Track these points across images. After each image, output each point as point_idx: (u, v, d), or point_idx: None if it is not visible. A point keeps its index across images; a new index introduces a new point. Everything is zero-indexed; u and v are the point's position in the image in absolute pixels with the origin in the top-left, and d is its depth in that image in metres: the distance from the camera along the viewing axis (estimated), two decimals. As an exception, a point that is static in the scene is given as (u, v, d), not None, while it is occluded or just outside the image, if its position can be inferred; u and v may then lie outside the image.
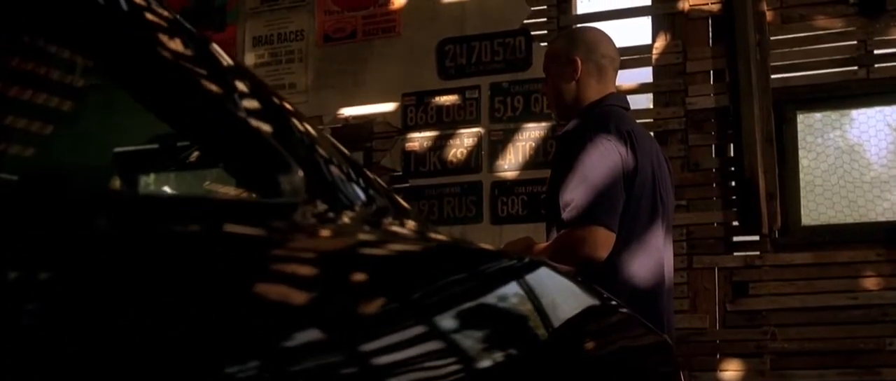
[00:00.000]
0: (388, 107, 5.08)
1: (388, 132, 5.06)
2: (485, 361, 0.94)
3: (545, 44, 4.59)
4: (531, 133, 4.77)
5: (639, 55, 4.67)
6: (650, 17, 4.72)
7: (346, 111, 5.16)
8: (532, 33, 4.87)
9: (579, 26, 4.54)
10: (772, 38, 4.45)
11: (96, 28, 0.88)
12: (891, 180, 4.38)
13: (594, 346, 1.42)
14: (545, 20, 4.85)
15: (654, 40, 4.66)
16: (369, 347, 0.77)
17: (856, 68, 4.36)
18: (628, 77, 4.63)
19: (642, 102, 4.83)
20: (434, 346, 0.88)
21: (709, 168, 4.49)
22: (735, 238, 4.44)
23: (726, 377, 4.31)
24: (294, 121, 1.10)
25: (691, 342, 4.26)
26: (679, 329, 4.00)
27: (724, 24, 4.51)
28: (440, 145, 4.94)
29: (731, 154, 4.47)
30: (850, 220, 4.33)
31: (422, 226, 1.25)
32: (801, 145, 4.45)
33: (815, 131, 4.48)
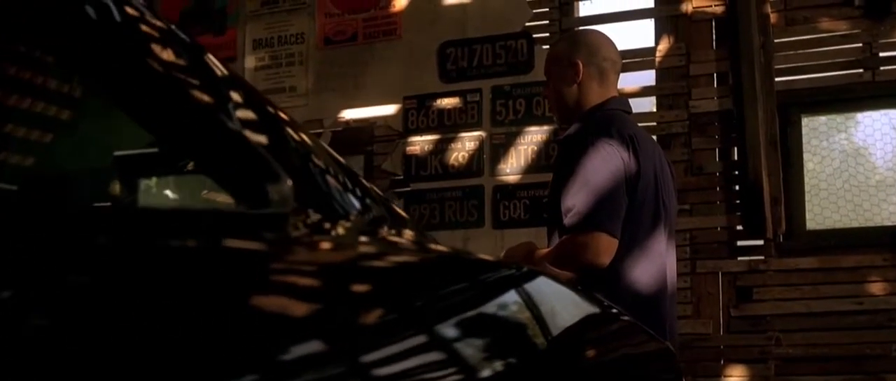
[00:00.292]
0: (389, 110, 5.07)
1: (388, 136, 5.05)
2: (484, 371, 0.93)
3: (547, 46, 4.58)
4: (533, 137, 4.76)
5: (641, 58, 4.66)
6: (653, 20, 4.72)
7: (347, 114, 5.16)
8: (534, 36, 4.86)
9: (581, 29, 4.52)
10: (776, 41, 4.44)
11: (88, 38, 0.87)
12: (897, 184, 4.36)
13: (594, 354, 1.41)
14: (547, 23, 4.85)
15: (657, 43, 4.65)
16: (361, 360, 0.75)
17: (861, 71, 4.34)
18: (631, 80, 4.63)
19: (645, 105, 4.81)
20: (430, 358, 0.87)
21: (712, 172, 4.47)
22: (739, 243, 4.42)
23: (730, 383, 4.29)
24: (289, 130, 1.10)
25: (695, 348, 4.24)
26: (682, 335, 3.98)
27: (728, 26, 4.50)
28: (441, 149, 4.93)
29: (735, 158, 4.45)
30: (855, 224, 4.32)
31: (419, 235, 1.25)
32: (805, 149, 4.44)
33: (820, 135, 4.46)
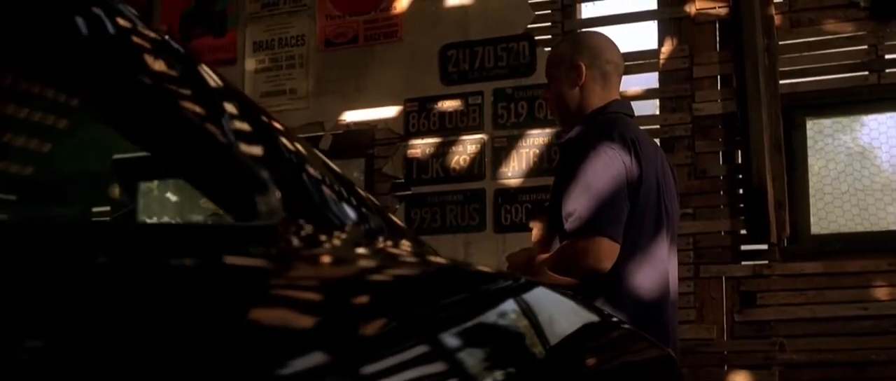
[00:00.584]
0: (390, 113, 5.07)
1: (389, 139, 5.05)
2: (483, 382, 0.92)
3: (549, 49, 4.55)
4: (535, 140, 4.75)
5: (645, 60, 4.65)
6: (656, 22, 4.71)
7: (348, 117, 5.15)
8: (536, 38, 4.86)
9: (583, 31, 4.50)
10: (780, 43, 4.43)
11: (79, 52, 0.87)
12: (903, 188, 4.34)
13: (594, 363, 1.40)
14: (549, 25, 4.84)
15: (660, 45, 4.64)
16: (354, 374, 0.74)
17: (866, 73, 4.33)
18: (634, 82, 4.61)
19: (648, 107, 4.80)
20: (427, 371, 0.86)
21: (716, 175, 4.46)
22: (743, 247, 4.41)
23: (734, 389, 4.27)
24: (284, 140, 1.09)
25: (698, 353, 4.23)
26: (685, 340, 3.98)
27: (732, 28, 4.49)
28: (443, 152, 4.92)
29: (739, 161, 4.44)
30: (860, 228, 4.30)
31: (417, 246, 1.23)
32: (810, 152, 4.42)
33: (825, 138, 4.45)
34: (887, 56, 4.30)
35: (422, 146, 4.97)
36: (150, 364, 0.54)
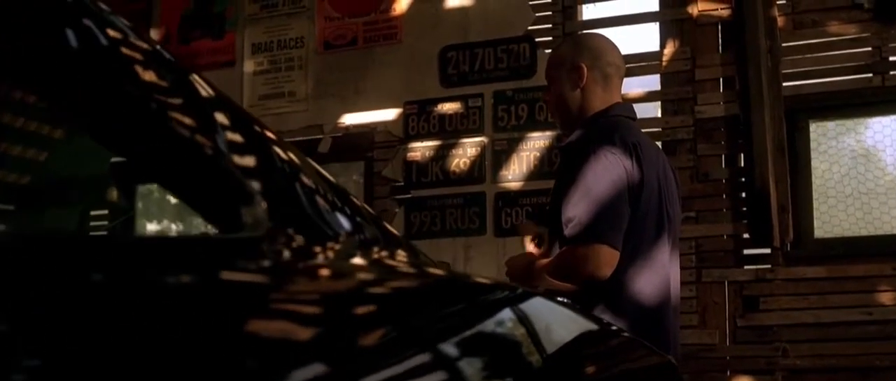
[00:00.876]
0: (390, 115, 5.06)
1: (389, 141, 5.04)
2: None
3: (550, 50, 4.53)
4: (536, 142, 4.73)
5: (646, 62, 4.64)
6: (658, 23, 4.70)
7: (347, 120, 5.15)
8: (536, 40, 4.85)
9: (584, 32, 4.51)
10: (783, 45, 4.42)
11: (71, 59, 0.85)
12: (907, 191, 4.32)
13: (593, 371, 1.38)
14: (550, 26, 4.83)
15: (662, 47, 4.63)
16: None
17: (870, 75, 4.32)
18: (635, 85, 4.60)
19: (650, 110, 4.79)
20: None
21: (718, 179, 4.45)
22: (745, 251, 4.39)
23: (737, 395, 4.26)
24: (276, 150, 1.08)
25: (700, 359, 4.22)
26: (688, 345, 3.96)
27: (734, 30, 4.47)
28: (442, 155, 4.91)
29: (742, 164, 4.43)
30: (864, 232, 4.29)
31: (412, 256, 1.22)
32: (813, 155, 4.41)
33: (829, 140, 4.44)
34: (891, 58, 4.29)
35: (421, 149, 4.95)
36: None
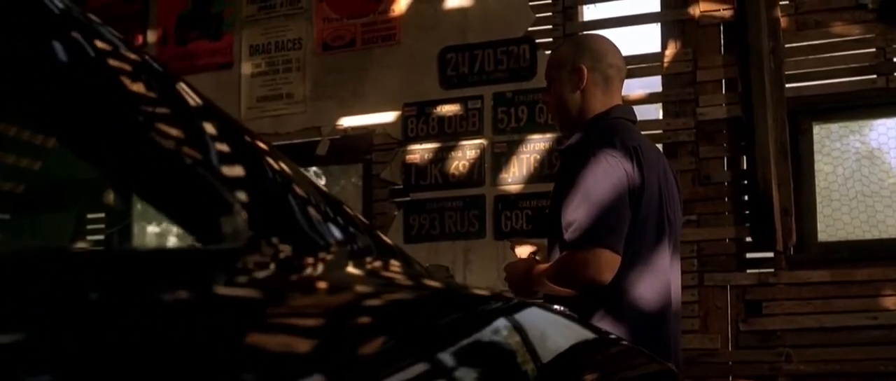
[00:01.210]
0: (389, 117, 5.04)
1: (388, 144, 5.03)
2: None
3: (550, 52, 4.50)
4: (536, 145, 4.71)
5: (647, 64, 4.63)
6: (659, 24, 4.69)
7: (345, 122, 5.13)
8: (537, 41, 4.83)
9: (585, 33, 4.48)
10: (786, 46, 4.40)
11: (57, 68, 0.85)
12: (912, 194, 4.30)
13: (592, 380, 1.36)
14: (550, 27, 4.81)
15: (663, 48, 4.61)
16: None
17: (874, 77, 4.30)
18: (636, 86, 4.58)
19: (651, 112, 4.77)
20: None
21: (721, 182, 4.42)
22: (748, 255, 4.38)
23: (740, 400, 4.24)
24: (265, 159, 1.08)
25: (702, 364, 4.20)
26: (689, 350, 3.94)
27: (737, 31, 4.46)
28: (442, 157, 4.89)
29: (744, 167, 4.41)
30: (869, 236, 4.28)
31: (407, 266, 1.22)
32: (817, 157, 4.40)
33: (832, 143, 4.42)
34: (896, 59, 4.26)
35: (421, 151, 4.93)
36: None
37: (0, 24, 0.82)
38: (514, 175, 4.74)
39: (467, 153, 4.85)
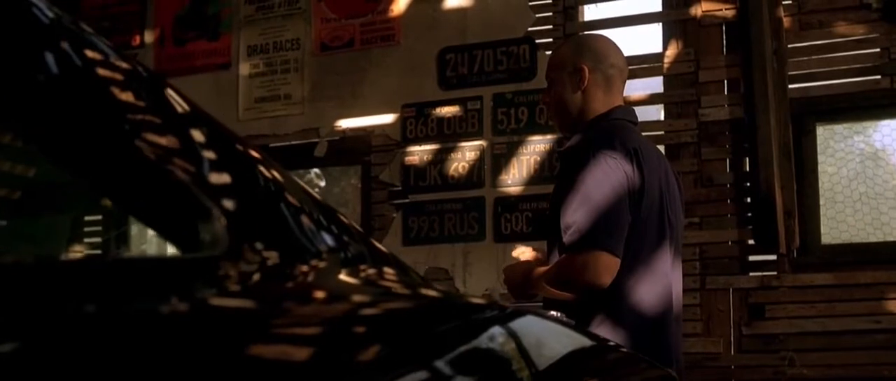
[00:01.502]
0: (387, 119, 5.03)
1: (386, 145, 5.02)
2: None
3: (550, 52, 4.49)
4: (536, 146, 4.69)
5: (649, 64, 4.62)
6: (661, 24, 4.67)
7: (344, 123, 5.13)
8: (537, 41, 4.82)
9: (586, 33, 4.46)
10: (789, 46, 4.39)
11: (43, 75, 0.84)
12: (916, 196, 4.28)
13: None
14: (551, 27, 4.81)
15: (664, 48, 4.60)
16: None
17: (878, 77, 4.29)
18: (638, 87, 4.57)
19: (652, 113, 4.76)
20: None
21: (723, 183, 4.41)
22: (751, 258, 4.36)
23: (742, 404, 4.23)
24: (256, 166, 1.07)
25: (704, 368, 4.19)
26: (691, 354, 3.92)
27: (739, 31, 4.45)
28: (441, 159, 4.88)
29: (747, 169, 4.39)
30: (873, 238, 4.27)
31: (401, 274, 1.21)
32: (820, 159, 4.39)
33: (836, 144, 4.41)
34: (900, 59, 4.24)
35: (420, 153, 4.92)
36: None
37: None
38: (514, 177, 4.73)
39: (467, 155, 4.83)
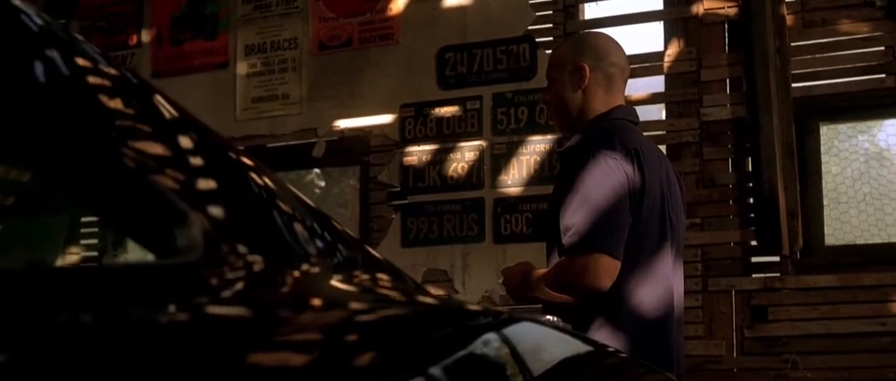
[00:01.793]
0: (386, 119, 5.02)
1: (385, 145, 5.01)
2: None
3: (550, 51, 4.47)
4: (536, 146, 4.68)
5: (650, 63, 4.61)
6: (662, 23, 4.66)
7: (342, 123, 5.12)
8: (537, 40, 4.81)
9: (587, 32, 4.44)
10: (792, 45, 4.38)
11: (31, 82, 0.84)
12: (921, 196, 4.27)
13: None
14: (551, 26, 4.80)
15: (666, 47, 4.59)
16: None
17: (883, 76, 4.28)
18: (639, 86, 4.55)
19: (654, 112, 4.74)
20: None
21: (725, 184, 4.40)
22: (753, 259, 4.35)
23: (745, 407, 4.22)
24: (246, 172, 1.07)
25: (706, 371, 4.18)
26: (693, 357, 3.91)
27: (742, 29, 4.43)
28: (440, 159, 4.87)
29: (749, 169, 4.38)
30: (877, 239, 4.26)
31: (396, 280, 1.21)
32: (824, 158, 4.38)
33: (840, 143, 4.40)
34: (904, 58, 4.22)
35: (418, 153, 4.90)
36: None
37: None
38: (514, 177, 4.71)
39: (466, 155, 4.82)
